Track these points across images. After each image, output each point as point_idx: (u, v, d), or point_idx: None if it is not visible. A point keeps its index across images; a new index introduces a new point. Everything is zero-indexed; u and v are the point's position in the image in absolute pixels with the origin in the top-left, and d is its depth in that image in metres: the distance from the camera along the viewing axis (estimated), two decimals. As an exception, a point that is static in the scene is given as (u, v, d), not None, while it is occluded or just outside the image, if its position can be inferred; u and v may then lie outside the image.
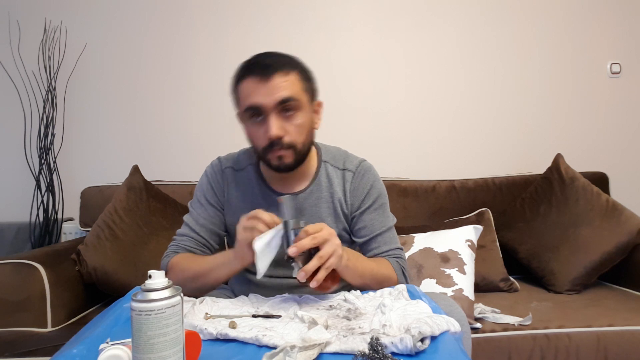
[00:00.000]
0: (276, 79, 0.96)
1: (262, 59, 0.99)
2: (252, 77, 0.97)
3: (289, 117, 0.99)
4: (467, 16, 2.28)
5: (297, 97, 0.99)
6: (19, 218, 2.14)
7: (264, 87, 0.96)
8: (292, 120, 1.00)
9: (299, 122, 1.00)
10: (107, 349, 0.62)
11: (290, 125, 0.99)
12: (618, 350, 1.34)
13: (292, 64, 1.01)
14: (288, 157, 1.01)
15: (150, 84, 2.25)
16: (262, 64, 0.98)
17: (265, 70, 0.96)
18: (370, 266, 1.04)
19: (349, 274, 0.99)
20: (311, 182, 1.12)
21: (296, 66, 1.01)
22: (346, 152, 1.19)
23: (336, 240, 0.90)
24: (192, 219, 1.14)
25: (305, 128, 1.03)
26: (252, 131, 1.03)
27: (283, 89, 0.97)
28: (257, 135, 1.01)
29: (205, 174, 1.17)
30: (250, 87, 0.98)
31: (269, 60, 0.99)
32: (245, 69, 1.00)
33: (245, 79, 0.99)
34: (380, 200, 1.14)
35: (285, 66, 0.98)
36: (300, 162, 1.06)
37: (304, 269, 0.86)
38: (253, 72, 0.98)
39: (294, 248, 0.85)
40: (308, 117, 1.04)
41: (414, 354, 0.67)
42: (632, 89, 2.32)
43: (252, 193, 1.12)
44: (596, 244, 1.70)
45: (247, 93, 0.99)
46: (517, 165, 2.20)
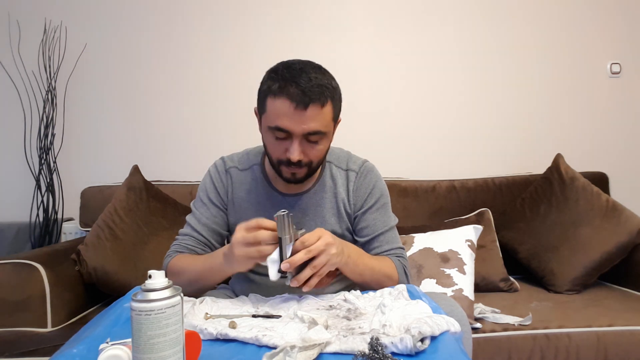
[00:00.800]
0: (311, 110, 0.94)
1: (302, 81, 0.94)
2: (288, 101, 0.94)
3: (312, 143, 0.99)
4: (467, 16, 2.28)
5: (326, 128, 0.99)
6: (19, 218, 2.14)
7: (298, 115, 0.94)
8: (315, 147, 1.00)
9: (320, 147, 1.01)
10: (107, 349, 0.62)
11: (312, 151, 1.00)
12: (618, 350, 1.34)
13: (328, 93, 0.97)
14: (301, 173, 1.03)
15: (150, 84, 2.25)
16: (301, 87, 0.93)
17: (302, 99, 0.93)
18: (372, 264, 1.04)
19: (349, 271, 1.00)
20: (315, 183, 1.13)
21: (332, 95, 0.98)
22: (349, 152, 1.20)
23: (332, 250, 0.90)
24: (195, 219, 1.14)
25: (324, 151, 1.04)
26: (272, 143, 1.01)
27: (315, 122, 0.96)
28: (275, 148, 1.01)
29: (208, 174, 1.17)
30: (282, 110, 0.95)
31: (308, 85, 0.94)
32: (282, 88, 0.95)
33: (279, 97, 0.95)
34: (383, 200, 1.15)
35: (322, 97, 0.95)
36: (311, 176, 1.07)
37: (296, 278, 0.88)
38: (289, 95, 0.94)
39: (287, 264, 0.86)
40: (330, 141, 1.05)
41: (414, 354, 0.67)
42: (632, 89, 2.32)
43: (257, 193, 1.13)
44: (596, 244, 1.70)
45: (278, 114, 0.96)
46: (517, 165, 2.20)
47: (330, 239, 0.91)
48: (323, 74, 0.99)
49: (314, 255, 0.88)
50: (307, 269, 0.88)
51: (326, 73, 1.01)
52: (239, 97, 2.22)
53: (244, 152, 1.19)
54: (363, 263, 1.02)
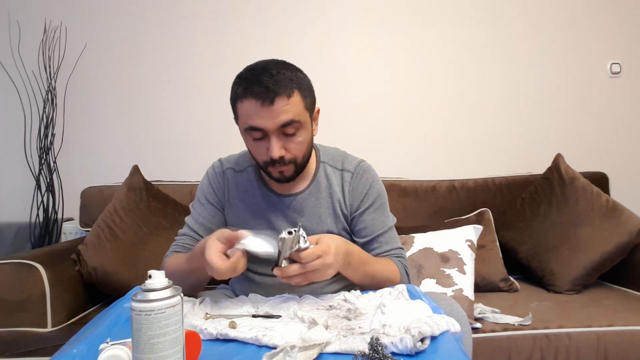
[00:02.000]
0: (278, 102, 0.94)
1: (263, 79, 0.94)
2: (253, 100, 0.95)
3: (290, 136, 0.99)
4: (467, 16, 2.28)
5: (299, 118, 0.98)
6: (19, 218, 2.14)
7: (266, 111, 0.94)
8: (294, 139, 1.00)
9: (300, 139, 1.00)
10: (107, 349, 0.63)
11: (292, 144, 1.00)
12: (618, 350, 1.34)
13: (293, 84, 0.97)
14: (288, 171, 1.03)
15: (150, 84, 2.25)
16: (263, 85, 0.94)
17: (267, 94, 0.93)
18: (373, 271, 1.04)
19: (350, 273, 1.00)
20: (310, 183, 1.13)
21: (298, 85, 0.98)
22: (345, 152, 1.20)
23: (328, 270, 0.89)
24: (192, 219, 1.15)
25: (305, 143, 1.03)
26: (253, 146, 1.02)
27: (285, 113, 0.95)
28: (258, 151, 1.02)
29: (206, 175, 1.18)
30: (251, 109, 0.96)
31: (270, 81, 0.94)
32: (246, 89, 0.96)
33: (245, 99, 0.96)
34: (380, 200, 1.14)
35: (287, 89, 0.95)
36: (301, 172, 1.07)
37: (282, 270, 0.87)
38: (254, 94, 0.94)
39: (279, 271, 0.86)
40: (309, 132, 1.04)
41: (414, 354, 0.67)
42: (632, 89, 2.32)
43: (253, 194, 1.13)
44: (596, 244, 1.70)
45: (248, 114, 0.97)
46: (517, 165, 2.20)
47: (331, 259, 0.88)
48: (286, 68, 0.99)
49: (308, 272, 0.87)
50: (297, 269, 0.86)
51: (290, 66, 1.01)
52: (239, 97, 2.22)
53: (241, 154, 1.20)
54: (364, 271, 1.02)
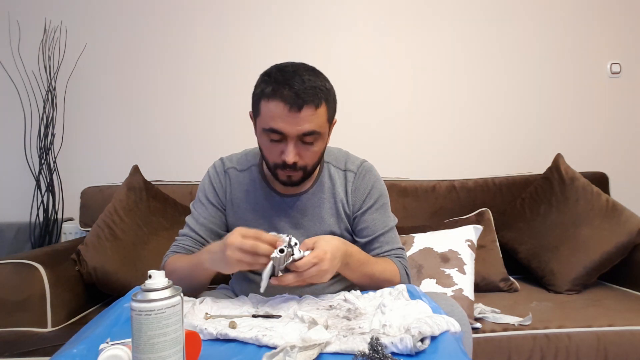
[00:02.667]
0: (305, 111, 0.94)
1: (294, 84, 0.93)
2: (281, 103, 0.94)
3: (307, 145, 0.99)
4: (468, 16, 2.28)
5: (320, 129, 0.98)
6: (19, 218, 2.14)
7: (292, 117, 0.94)
8: (310, 148, 1.00)
9: (315, 149, 1.01)
10: (107, 349, 0.63)
11: (307, 152, 1.00)
12: (618, 350, 1.34)
13: (322, 95, 0.97)
14: (297, 176, 1.03)
15: (150, 84, 2.24)
16: (294, 89, 0.93)
17: (296, 101, 0.93)
18: (372, 271, 1.04)
19: (348, 274, 1.00)
20: (314, 183, 1.13)
21: (326, 96, 0.98)
22: (347, 152, 1.20)
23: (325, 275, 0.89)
24: (193, 219, 1.15)
25: (320, 152, 1.03)
26: (267, 146, 1.01)
27: (309, 123, 0.95)
28: (271, 151, 1.01)
29: (207, 175, 1.17)
30: (276, 112, 0.95)
31: (302, 87, 0.93)
32: (275, 90, 0.94)
33: (273, 99, 0.95)
34: (382, 200, 1.15)
35: (316, 98, 0.95)
36: (307, 178, 1.07)
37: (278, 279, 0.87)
38: (283, 97, 0.93)
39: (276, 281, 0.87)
40: (325, 142, 1.05)
41: (414, 354, 0.67)
42: (632, 89, 2.32)
43: (255, 194, 1.13)
44: (596, 244, 1.70)
45: (272, 116, 0.95)
46: (517, 165, 2.20)
47: (327, 265, 0.88)
48: (317, 76, 0.98)
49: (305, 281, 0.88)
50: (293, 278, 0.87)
51: (320, 75, 1.00)
52: (239, 97, 2.21)
53: (243, 153, 1.19)
54: (363, 271, 1.02)
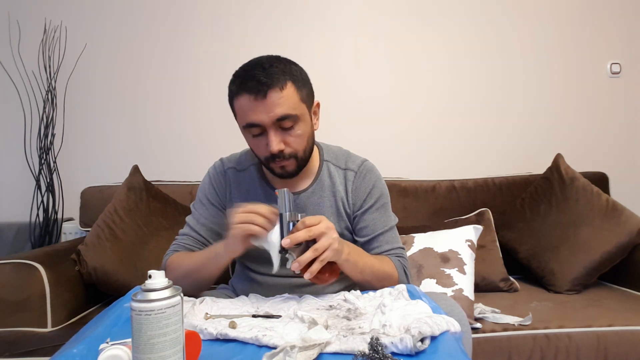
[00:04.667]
0: (272, 96, 0.94)
1: (256, 74, 0.95)
2: (247, 95, 0.95)
3: (288, 130, 0.99)
4: (468, 16, 2.28)
5: (295, 111, 0.98)
6: (19, 218, 2.14)
7: (260, 105, 0.95)
8: (292, 133, 1.00)
9: (299, 132, 1.00)
10: (107, 349, 0.62)
11: (290, 137, 1.00)
12: (618, 350, 1.34)
13: (286, 76, 0.97)
14: (290, 165, 1.03)
15: (150, 83, 2.25)
16: (255, 80, 0.94)
17: (260, 88, 0.94)
18: (372, 262, 1.04)
19: (349, 269, 0.99)
20: (313, 182, 1.13)
21: (291, 77, 0.98)
22: (348, 151, 1.20)
23: (333, 234, 0.90)
24: (193, 219, 1.15)
25: (305, 136, 1.03)
26: (253, 143, 1.03)
27: (279, 106, 0.95)
28: (258, 147, 1.02)
29: (207, 175, 1.18)
30: (246, 105, 0.96)
31: (262, 75, 0.94)
32: (240, 85, 0.97)
33: (240, 95, 0.97)
34: (382, 200, 1.15)
35: (280, 81, 0.95)
36: (303, 167, 1.07)
37: (298, 260, 0.87)
38: (247, 89, 0.95)
39: (288, 239, 0.86)
40: (308, 125, 1.04)
41: (414, 354, 0.67)
42: (632, 89, 2.32)
43: (255, 193, 1.13)
44: (596, 244, 1.70)
45: (244, 110, 0.98)
46: (517, 165, 2.20)
47: (331, 223, 0.91)
48: (279, 61, 0.99)
49: (316, 235, 0.88)
50: (309, 251, 0.87)
51: (282, 60, 1.00)
52: (239, 97, 2.22)
53: (242, 153, 1.20)
54: (363, 261, 1.02)
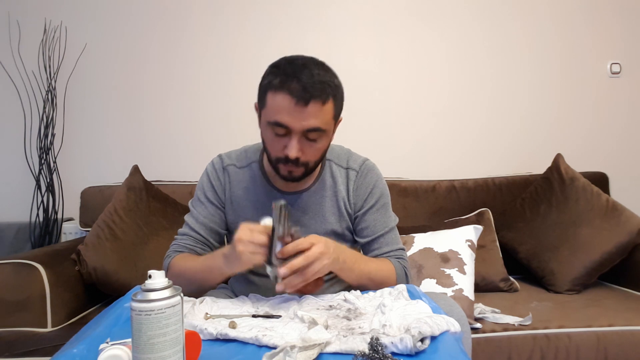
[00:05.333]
0: (312, 106, 0.92)
1: (303, 77, 0.92)
2: (288, 96, 0.92)
3: (311, 141, 0.98)
4: (466, 16, 2.28)
5: (326, 126, 0.97)
6: (19, 218, 2.14)
7: (298, 111, 0.93)
8: (314, 145, 0.98)
9: (319, 146, 1.00)
10: (107, 349, 0.62)
11: (310, 149, 0.99)
12: (618, 350, 1.34)
13: (330, 90, 0.95)
14: (298, 172, 1.01)
15: (150, 83, 2.24)
16: (302, 83, 0.92)
17: (303, 95, 0.91)
18: (368, 268, 1.04)
19: (344, 276, 1.00)
20: (315, 181, 1.12)
21: (334, 93, 0.96)
22: (349, 150, 1.19)
23: (324, 260, 0.88)
24: (192, 218, 1.14)
25: (322, 150, 1.02)
26: (270, 139, 1.00)
27: (315, 119, 0.94)
28: (274, 145, 1.00)
29: (205, 172, 1.16)
30: (283, 105, 0.93)
31: (310, 81, 0.92)
32: (283, 83, 0.93)
33: (280, 92, 0.93)
34: (383, 200, 1.14)
35: (324, 94, 0.94)
36: (308, 175, 1.05)
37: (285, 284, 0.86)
38: (291, 90, 0.92)
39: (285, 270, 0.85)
40: (329, 140, 1.03)
41: (414, 354, 0.67)
42: (632, 89, 2.32)
43: (256, 191, 1.12)
44: (596, 244, 1.70)
45: (278, 109, 0.94)
46: (517, 165, 2.20)
47: (324, 247, 0.89)
48: (326, 71, 0.97)
49: (310, 262, 0.87)
50: (298, 277, 0.87)
51: (329, 70, 0.98)
52: (238, 97, 2.22)
53: (242, 150, 1.18)
54: (359, 269, 1.01)
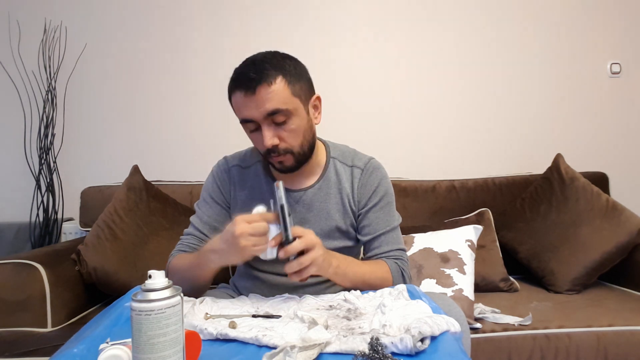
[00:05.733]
0: (260, 92, 0.96)
1: (248, 70, 0.98)
2: (239, 92, 0.98)
3: (281, 125, 1.00)
4: (467, 16, 2.28)
5: (286, 105, 0.98)
6: (19, 218, 2.14)
7: (250, 101, 0.97)
8: (286, 127, 1.00)
9: (292, 127, 1.01)
10: (107, 348, 0.63)
11: (284, 132, 1.00)
12: (618, 350, 1.34)
13: (277, 71, 0.98)
14: (288, 161, 1.04)
15: (150, 84, 2.25)
16: (246, 76, 0.97)
17: (249, 84, 0.96)
18: (363, 271, 1.04)
19: (339, 280, 1.01)
20: (320, 178, 1.13)
21: (282, 71, 0.98)
22: (354, 150, 1.21)
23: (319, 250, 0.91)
24: (198, 218, 1.15)
25: (300, 131, 1.03)
26: (252, 139, 1.06)
27: (268, 101, 0.96)
28: (256, 142, 1.06)
29: (211, 174, 1.18)
30: (239, 102, 1.00)
31: (253, 70, 0.97)
32: (233, 82, 1.01)
33: (234, 92, 1.00)
34: (387, 199, 1.15)
35: (269, 76, 0.97)
36: (303, 162, 1.07)
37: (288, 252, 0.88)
38: (239, 86, 0.98)
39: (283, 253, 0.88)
40: (303, 120, 1.03)
41: (414, 354, 0.67)
42: (632, 89, 2.32)
43: (260, 190, 1.13)
44: (596, 244, 1.70)
45: (238, 107, 1.01)
46: (517, 165, 2.20)
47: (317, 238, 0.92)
48: (273, 57, 1.01)
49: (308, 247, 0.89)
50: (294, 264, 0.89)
51: (277, 55, 1.02)
52: (239, 97, 2.22)
53: (247, 150, 1.20)
54: (353, 272, 1.02)
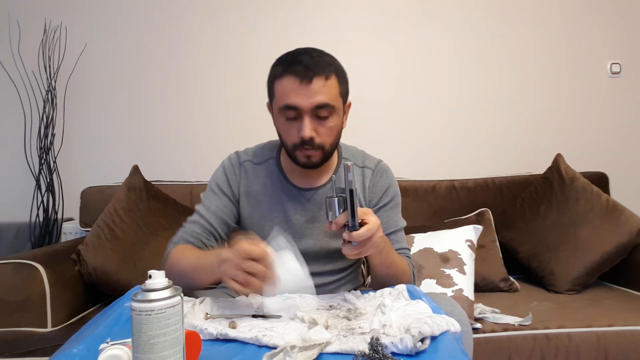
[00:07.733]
0: (316, 82, 0.97)
1: (304, 59, 0.99)
2: (293, 77, 0.98)
3: (322, 120, 1.01)
4: (466, 16, 2.28)
5: (334, 102, 1.01)
6: (19, 218, 2.14)
7: (304, 89, 0.97)
8: (325, 123, 1.02)
9: (331, 125, 1.02)
10: (107, 348, 0.63)
11: (323, 128, 1.02)
12: (618, 350, 1.34)
13: (332, 67, 1.01)
14: (316, 156, 1.04)
15: (150, 84, 2.24)
16: (304, 64, 0.98)
17: (307, 73, 0.97)
18: (397, 259, 1.06)
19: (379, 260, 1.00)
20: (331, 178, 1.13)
21: (336, 70, 1.02)
22: (364, 151, 1.22)
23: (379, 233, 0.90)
24: (204, 207, 1.13)
25: (336, 130, 1.05)
26: (284, 127, 1.04)
27: (321, 94, 0.98)
28: (288, 132, 1.03)
29: (221, 166, 1.17)
30: (289, 87, 0.99)
31: (311, 61, 0.99)
32: (287, 67, 1.00)
33: (285, 76, 0.99)
34: (396, 200, 1.17)
35: (326, 70, 0.99)
36: (326, 161, 1.08)
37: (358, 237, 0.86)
38: (294, 72, 0.98)
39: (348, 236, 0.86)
40: (340, 120, 1.06)
41: (414, 354, 0.67)
42: (632, 89, 2.32)
43: (273, 187, 1.13)
44: (596, 244, 1.70)
45: (286, 92, 0.99)
46: (517, 165, 2.20)
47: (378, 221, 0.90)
48: (326, 54, 1.04)
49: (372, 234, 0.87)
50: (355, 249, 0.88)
51: (329, 54, 1.05)
52: (238, 97, 2.22)
53: (259, 146, 1.20)
54: (391, 257, 1.03)
